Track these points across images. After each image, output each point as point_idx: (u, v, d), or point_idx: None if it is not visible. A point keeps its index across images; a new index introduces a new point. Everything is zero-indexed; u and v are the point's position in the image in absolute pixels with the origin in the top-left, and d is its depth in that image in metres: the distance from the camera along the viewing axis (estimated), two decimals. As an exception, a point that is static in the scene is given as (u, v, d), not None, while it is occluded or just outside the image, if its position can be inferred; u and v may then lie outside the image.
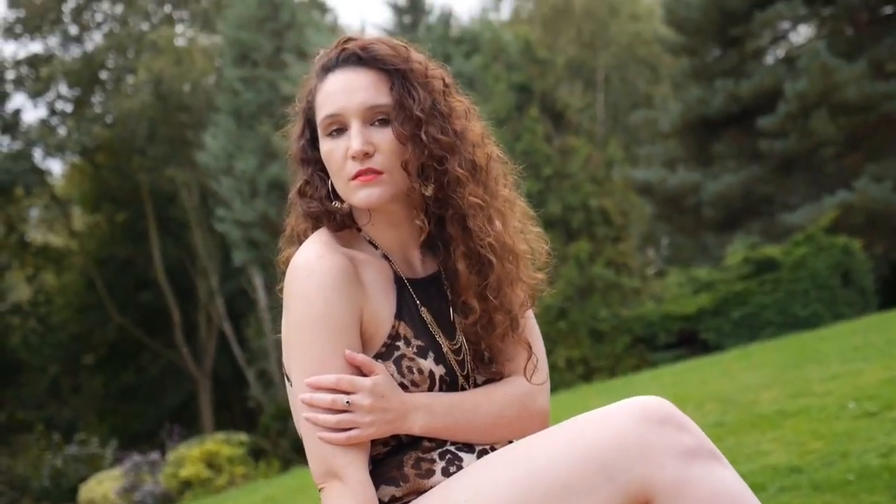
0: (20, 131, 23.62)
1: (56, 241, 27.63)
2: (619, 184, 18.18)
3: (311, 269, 1.51)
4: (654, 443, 1.42)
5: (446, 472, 1.54)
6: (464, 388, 1.62)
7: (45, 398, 24.97)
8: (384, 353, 1.56)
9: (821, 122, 16.84)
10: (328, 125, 1.58)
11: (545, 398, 1.67)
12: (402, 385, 1.55)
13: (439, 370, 1.58)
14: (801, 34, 20.60)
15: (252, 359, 21.00)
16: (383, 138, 1.56)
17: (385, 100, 1.57)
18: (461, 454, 1.56)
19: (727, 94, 18.17)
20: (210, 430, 19.82)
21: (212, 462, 12.20)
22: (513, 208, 1.68)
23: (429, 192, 1.57)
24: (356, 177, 1.55)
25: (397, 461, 1.56)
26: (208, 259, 22.48)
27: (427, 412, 1.54)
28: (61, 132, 24.01)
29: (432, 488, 1.52)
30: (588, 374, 14.72)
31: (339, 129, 1.58)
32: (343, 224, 1.63)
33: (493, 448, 1.59)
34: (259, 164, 18.17)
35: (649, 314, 15.17)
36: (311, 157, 1.65)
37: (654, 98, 25.63)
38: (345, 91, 1.57)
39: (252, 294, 20.16)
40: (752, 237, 16.75)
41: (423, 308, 1.62)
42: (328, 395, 1.49)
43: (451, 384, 1.60)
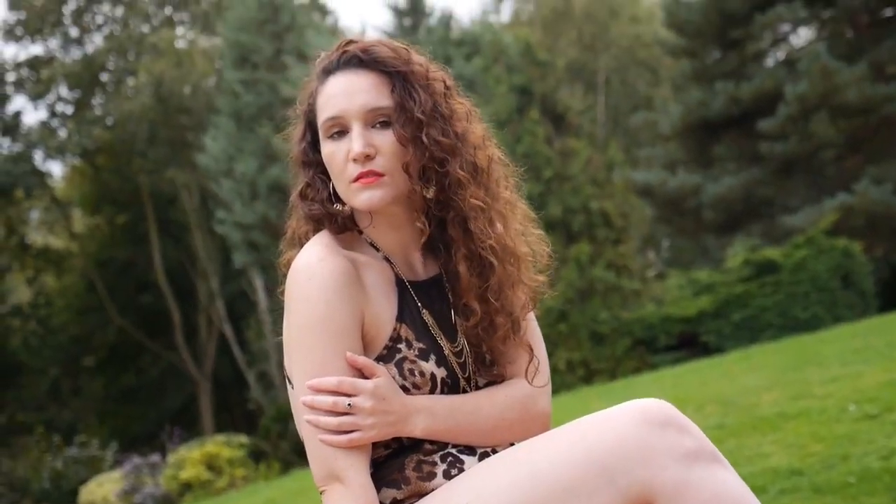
0: (20, 133, 23.63)
1: (56, 243, 27.63)
2: (619, 186, 18.20)
3: (312, 272, 1.51)
4: (656, 445, 1.41)
5: (447, 475, 1.54)
6: (465, 391, 1.61)
7: (45, 400, 24.97)
8: (385, 356, 1.56)
9: (821, 124, 16.84)
10: (329, 127, 1.58)
11: (546, 401, 1.67)
12: (404, 387, 1.55)
13: (441, 373, 1.58)
14: (802, 36, 20.61)
15: (252, 361, 20.99)
16: (384, 140, 1.56)
17: (386, 102, 1.56)
18: (462, 457, 1.56)
19: (727, 97, 18.17)
20: (210, 433, 19.82)
21: (212, 464, 12.19)
22: (514, 210, 1.68)
23: (430, 195, 1.57)
24: (357, 179, 1.55)
25: (398, 464, 1.55)
26: (209, 261, 22.48)
27: (428, 415, 1.54)
28: (62, 134, 24.01)
29: (433, 491, 1.52)
30: (588, 377, 14.72)
31: (341, 132, 1.57)
32: (344, 226, 1.63)
33: (495, 450, 1.58)
34: (259, 166, 18.18)
35: (650, 316, 15.17)
36: (312, 160, 1.64)
37: (654, 100, 25.66)
38: (346, 93, 1.57)
39: (252, 296, 20.16)
40: (753, 239, 16.75)
41: (424, 310, 1.61)
42: (329, 398, 1.49)
43: (452, 387, 1.60)
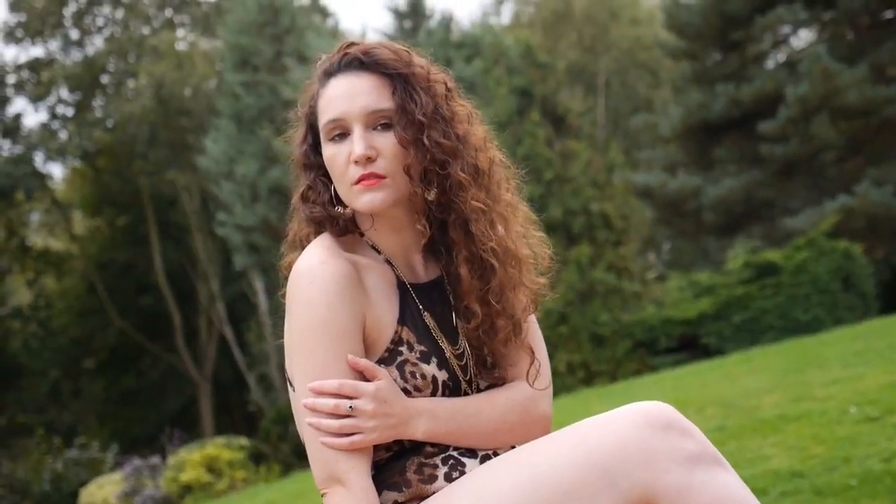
0: (21, 135, 23.64)
1: (57, 245, 27.62)
2: (619, 188, 18.20)
3: (313, 275, 1.51)
4: (657, 448, 1.41)
5: (449, 478, 1.54)
6: (466, 394, 1.61)
7: (45, 402, 24.97)
8: (387, 358, 1.56)
9: (822, 126, 16.83)
10: (330, 130, 1.58)
11: (548, 403, 1.66)
12: (405, 390, 1.55)
13: (442, 375, 1.58)
14: (802, 38, 20.61)
15: (253, 363, 20.98)
16: (386, 143, 1.55)
17: (387, 104, 1.56)
18: (464, 459, 1.56)
19: (728, 99, 18.17)
20: (211, 435, 19.81)
21: (212, 466, 12.18)
22: (515, 213, 1.67)
23: (431, 197, 1.57)
24: (359, 181, 1.55)
25: (400, 466, 1.55)
26: (209, 263, 22.47)
27: (430, 417, 1.54)
28: (62, 136, 24.02)
29: (435, 493, 1.52)
30: (589, 379, 14.71)
31: (342, 134, 1.57)
32: (346, 229, 1.62)
33: (496, 453, 1.58)
34: (260, 168, 18.18)
35: (650, 318, 15.16)
36: (313, 162, 1.64)
37: (654, 102, 25.65)
38: (347, 96, 1.57)
39: (253, 298, 20.15)
40: (753, 241, 16.73)
41: (425, 313, 1.61)
42: (331, 400, 1.48)
43: (453, 389, 1.60)
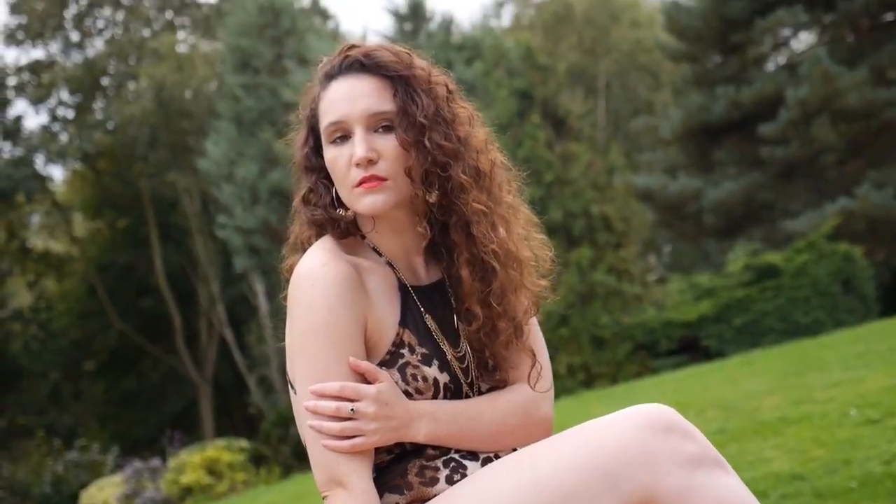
0: (21, 138, 23.66)
1: (57, 247, 27.62)
2: (620, 190, 18.19)
3: (315, 277, 1.51)
4: (659, 450, 1.41)
5: (450, 480, 1.54)
6: (468, 396, 1.61)
7: (45, 404, 24.96)
8: (388, 361, 1.55)
9: (822, 128, 16.83)
10: (332, 132, 1.58)
11: (549, 406, 1.66)
12: (407, 393, 1.55)
13: (443, 378, 1.58)
14: (803, 41, 20.62)
15: (253, 365, 20.98)
16: (387, 145, 1.55)
17: (388, 106, 1.56)
18: (465, 462, 1.56)
19: (728, 101, 18.17)
20: (211, 437, 19.81)
21: (213, 468, 12.17)
22: (516, 215, 1.67)
23: (432, 199, 1.57)
24: (360, 184, 1.55)
25: (401, 469, 1.55)
26: (209, 265, 22.47)
27: (431, 420, 1.54)
28: (63, 138, 24.04)
29: (436, 496, 1.52)
30: (589, 381, 14.70)
31: (343, 137, 1.57)
32: (347, 231, 1.62)
33: (498, 456, 1.58)
34: (260, 170, 18.18)
35: (651, 321, 15.16)
36: (315, 165, 1.64)
37: (655, 105, 25.65)
38: (348, 98, 1.56)
39: (253, 300, 20.15)
40: (754, 244, 16.73)
41: (427, 315, 1.61)
42: (332, 403, 1.48)
43: (455, 392, 1.59)
